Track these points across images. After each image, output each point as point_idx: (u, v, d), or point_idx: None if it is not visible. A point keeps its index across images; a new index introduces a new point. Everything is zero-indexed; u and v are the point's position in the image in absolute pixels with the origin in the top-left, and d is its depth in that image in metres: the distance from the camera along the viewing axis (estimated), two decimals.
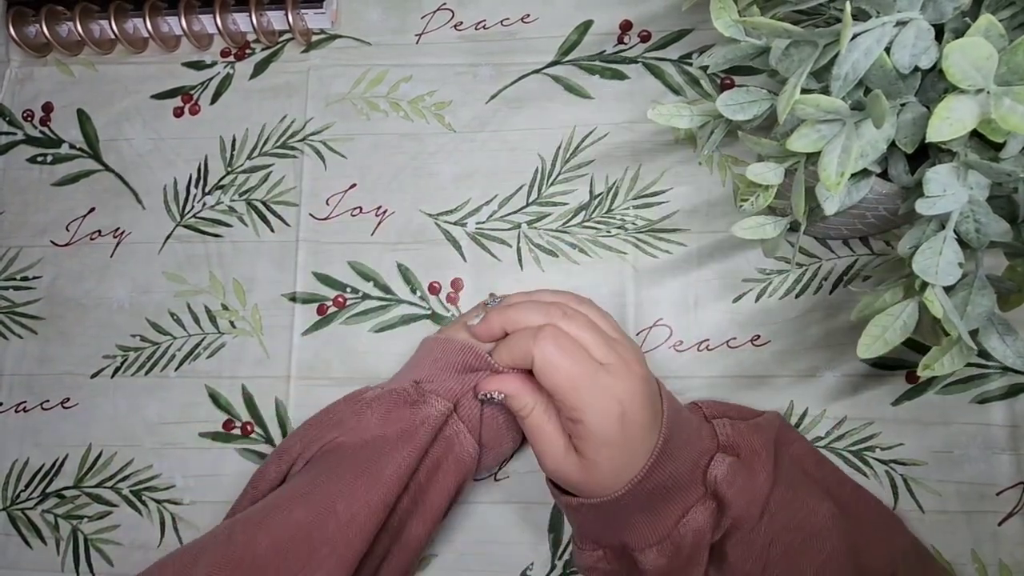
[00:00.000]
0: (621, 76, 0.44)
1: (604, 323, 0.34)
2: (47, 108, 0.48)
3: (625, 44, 0.45)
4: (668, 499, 0.32)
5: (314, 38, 0.47)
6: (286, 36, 0.47)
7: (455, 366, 0.35)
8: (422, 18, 0.47)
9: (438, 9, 0.47)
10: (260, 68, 0.47)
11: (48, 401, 0.44)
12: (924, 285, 0.28)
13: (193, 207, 0.46)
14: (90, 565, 0.42)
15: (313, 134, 0.46)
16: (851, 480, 0.38)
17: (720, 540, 0.33)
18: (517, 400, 0.32)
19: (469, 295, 0.43)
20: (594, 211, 0.43)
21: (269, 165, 0.46)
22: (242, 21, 0.46)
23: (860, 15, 0.28)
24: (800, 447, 0.38)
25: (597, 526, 0.34)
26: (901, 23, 0.26)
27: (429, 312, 0.43)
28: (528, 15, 0.46)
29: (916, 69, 0.27)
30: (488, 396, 0.33)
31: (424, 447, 0.34)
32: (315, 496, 0.32)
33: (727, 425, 0.36)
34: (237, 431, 0.43)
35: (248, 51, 0.47)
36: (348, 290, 0.44)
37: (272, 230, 0.45)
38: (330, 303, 0.44)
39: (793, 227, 0.35)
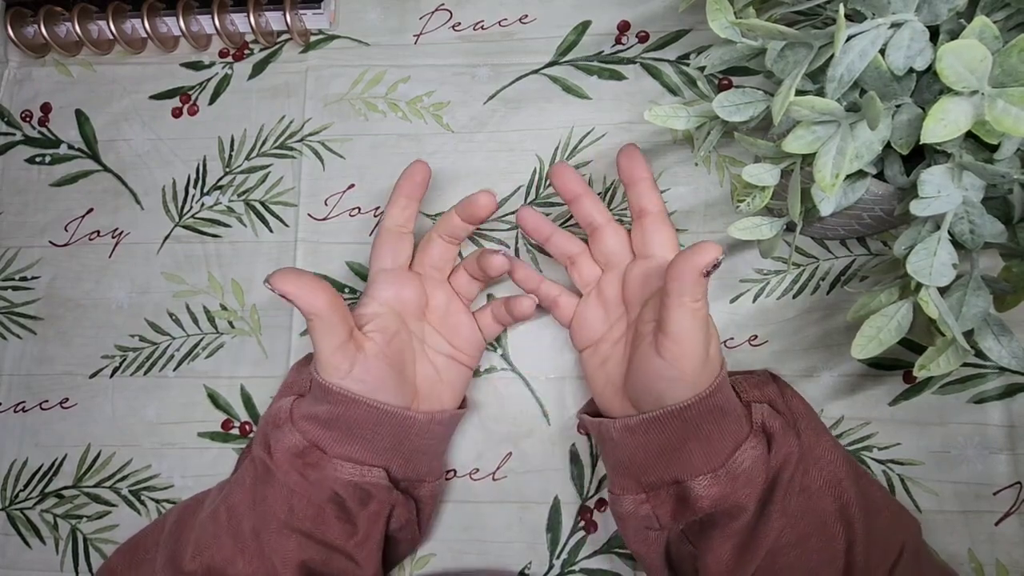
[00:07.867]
0: (619, 76, 0.45)
1: None
2: (45, 108, 0.48)
3: (623, 45, 0.45)
4: (722, 428, 0.33)
5: (312, 38, 0.47)
6: (284, 36, 0.47)
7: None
8: (420, 19, 0.47)
9: (436, 10, 0.47)
10: (258, 68, 0.47)
11: (47, 401, 0.44)
12: (919, 286, 0.29)
13: (191, 207, 0.46)
14: (89, 565, 0.42)
15: (311, 134, 0.46)
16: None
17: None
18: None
19: None
20: None
21: (267, 165, 0.46)
22: (240, 22, 0.46)
23: (855, 17, 0.28)
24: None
25: (650, 455, 0.33)
26: (896, 25, 0.26)
27: None
28: (526, 15, 0.46)
29: (911, 71, 0.27)
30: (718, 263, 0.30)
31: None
32: None
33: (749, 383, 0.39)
34: (236, 431, 0.43)
35: (246, 51, 0.47)
36: (346, 290, 0.44)
37: (271, 230, 0.45)
38: None
39: (790, 227, 0.35)
